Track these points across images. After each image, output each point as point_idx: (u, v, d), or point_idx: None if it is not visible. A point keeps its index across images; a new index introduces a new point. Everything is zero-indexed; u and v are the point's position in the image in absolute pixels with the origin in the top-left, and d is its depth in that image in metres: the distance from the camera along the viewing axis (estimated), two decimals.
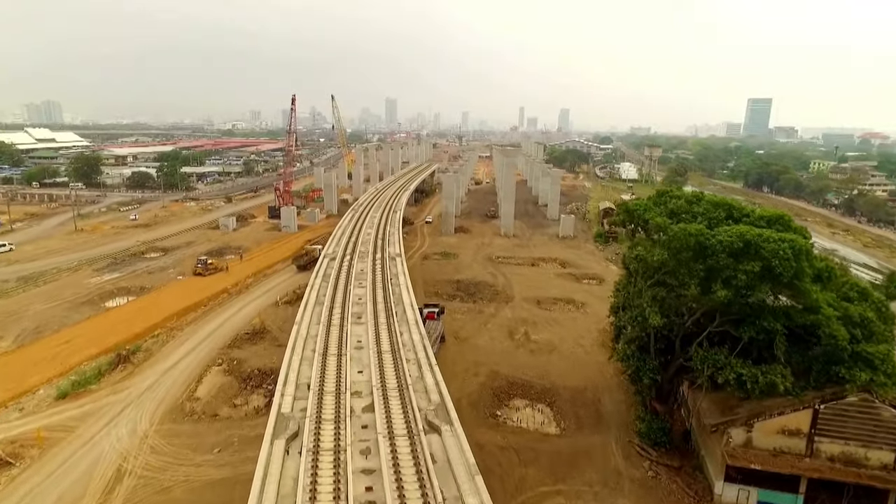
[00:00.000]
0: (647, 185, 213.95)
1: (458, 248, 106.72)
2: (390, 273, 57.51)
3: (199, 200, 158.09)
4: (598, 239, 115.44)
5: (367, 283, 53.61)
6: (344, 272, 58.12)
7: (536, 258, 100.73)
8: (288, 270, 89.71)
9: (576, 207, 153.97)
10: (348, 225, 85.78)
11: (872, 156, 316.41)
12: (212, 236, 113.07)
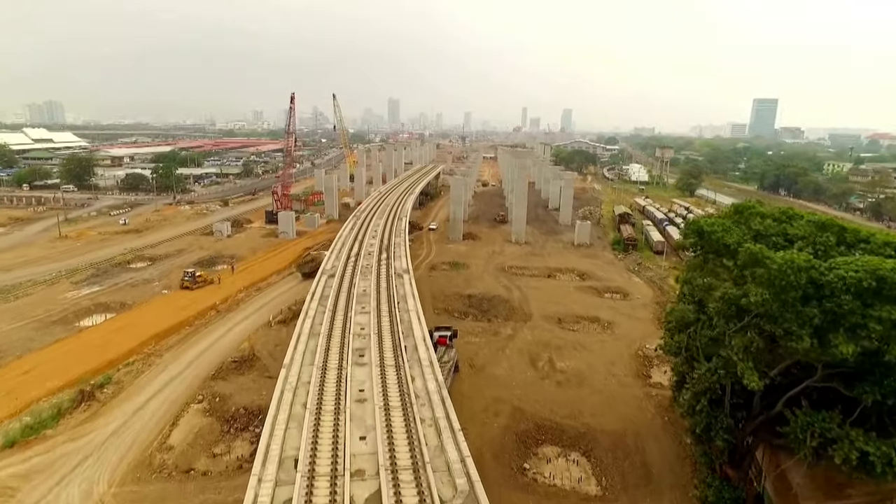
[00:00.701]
0: (659, 188, 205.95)
1: (467, 256, 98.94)
2: (397, 294, 49.71)
3: (194, 204, 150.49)
4: (617, 247, 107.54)
5: (370, 308, 45.83)
6: (344, 293, 50.34)
7: (552, 269, 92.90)
8: (284, 282, 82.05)
9: (588, 212, 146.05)
10: (349, 234, 78.00)
11: (885, 157, 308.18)
12: (204, 243, 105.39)
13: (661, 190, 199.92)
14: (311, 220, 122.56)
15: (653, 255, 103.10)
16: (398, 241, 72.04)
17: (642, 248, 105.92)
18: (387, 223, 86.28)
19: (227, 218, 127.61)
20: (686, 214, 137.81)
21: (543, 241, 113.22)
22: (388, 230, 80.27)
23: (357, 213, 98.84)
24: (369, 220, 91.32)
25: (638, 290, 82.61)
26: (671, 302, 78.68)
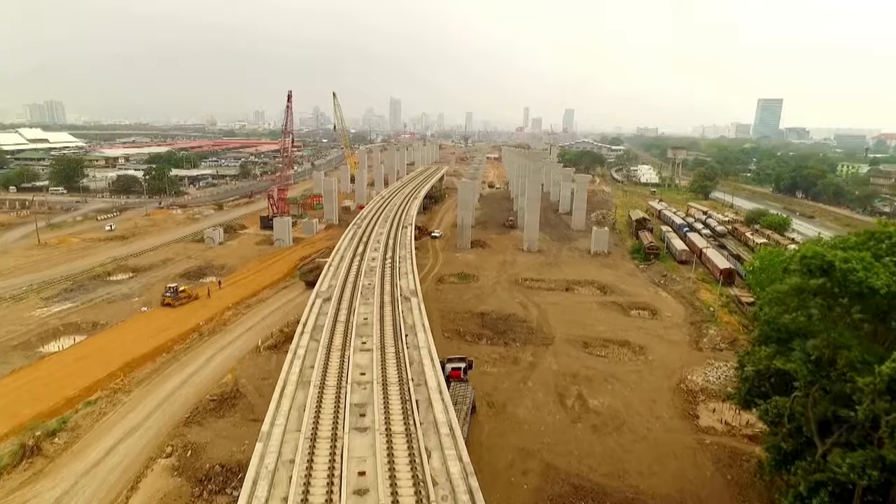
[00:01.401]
0: (671, 190, 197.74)
1: (476, 267, 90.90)
2: (404, 325, 41.66)
3: (186, 208, 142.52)
4: (636, 256, 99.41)
5: (372, 343, 37.84)
6: (341, 323, 42.31)
7: (570, 281, 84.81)
8: (277, 298, 74.07)
9: (602, 216, 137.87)
10: (349, 245, 69.96)
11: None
12: (193, 252, 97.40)
13: (673, 192, 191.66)
14: (309, 226, 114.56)
15: (676, 264, 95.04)
16: (404, 255, 63.98)
17: (664, 258, 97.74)
18: (390, 232, 78.22)
19: (219, 224, 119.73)
20: (706, 219, 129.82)
21: (557, 250, 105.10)
22: (391, 240, 72.20)
23: (358, 219, 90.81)
24: (371, 227, 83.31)
25: (667, 306, 74.53)
26: (704, 321, 71.08)
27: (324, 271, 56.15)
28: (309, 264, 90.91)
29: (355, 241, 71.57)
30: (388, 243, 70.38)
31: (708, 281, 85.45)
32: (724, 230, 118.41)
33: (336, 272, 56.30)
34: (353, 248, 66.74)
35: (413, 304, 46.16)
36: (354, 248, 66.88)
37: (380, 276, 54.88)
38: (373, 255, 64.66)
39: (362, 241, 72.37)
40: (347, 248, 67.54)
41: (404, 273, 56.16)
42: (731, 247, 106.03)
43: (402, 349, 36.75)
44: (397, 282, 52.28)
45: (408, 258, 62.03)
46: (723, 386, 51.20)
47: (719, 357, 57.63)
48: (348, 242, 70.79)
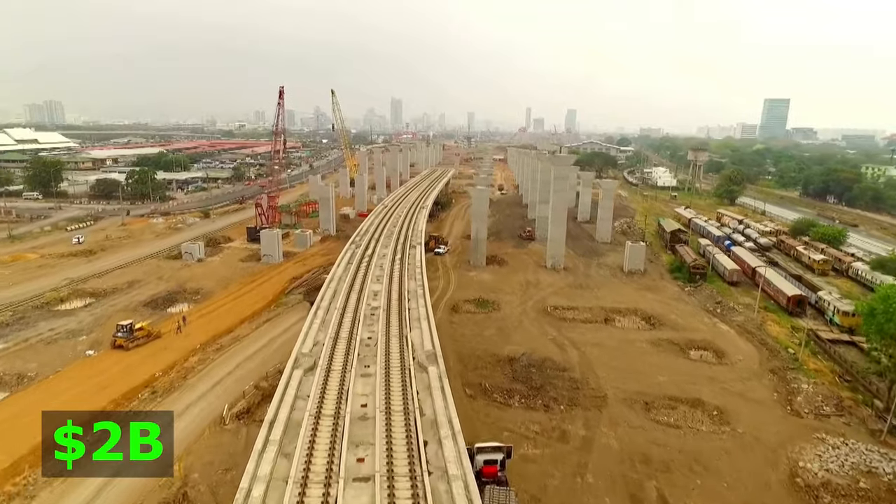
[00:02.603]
0: (692, 195, 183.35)
1: (495, 290, 76.85)
2: (420, 420, 27.46)
3: (169, 215, 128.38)
4: (678, 275, 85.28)
5: (375, 462, 23.68)
6: (328, 418, 28.10)
7: (608, 309, 70.70)
8: (259, 334, 59.99)
9: (627, 226, 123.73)
10: (344, 273, 55.71)
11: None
12: (167, 271, 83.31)
13: (694, 197, 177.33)
14: (302, 239, 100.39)
15: (726, 286, 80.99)
16: (414, 288, 49.78)
17: (711, 278, 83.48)
18: (395, 253, 64.07)
19: (202, 235, 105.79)
20: (744, 229, 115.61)
21: (585, 267, 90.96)
22: (397, 265, 58.02)
23: (358, 235, 76.65)
24: (373, 246, 69.21)
25: (732, 345, 60.43)
26: (787, 368, 56.97)
27: (308, 318, 41.88)
28: (308, 279, 77.42)
29: (353, 267, 57.27)
30: (393, 270, 56.19)
31: (770, 309, 71.32)
32: (769, 243, 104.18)
33: (325, 320, 42.08)
34: (350, 278, 52.43)
35: (432, 376, 31.95)
36: (351, 278, 52.58)
37: (384, 324, 40.73)
38: (374, 287, 50.49)
39: (361, 266, 58.15)
40: (342, 278, 53.27)
41: (416, 320, 42.02)
42: (779, 261, 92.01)
43: (421, 472, 22.61)
44: (407, 335, 38.10)
45: (419, 294, 47.85)
46: (853, 478, 37.26)
47: (828, 427, 43.56)
48: (343, 269, 56.56)
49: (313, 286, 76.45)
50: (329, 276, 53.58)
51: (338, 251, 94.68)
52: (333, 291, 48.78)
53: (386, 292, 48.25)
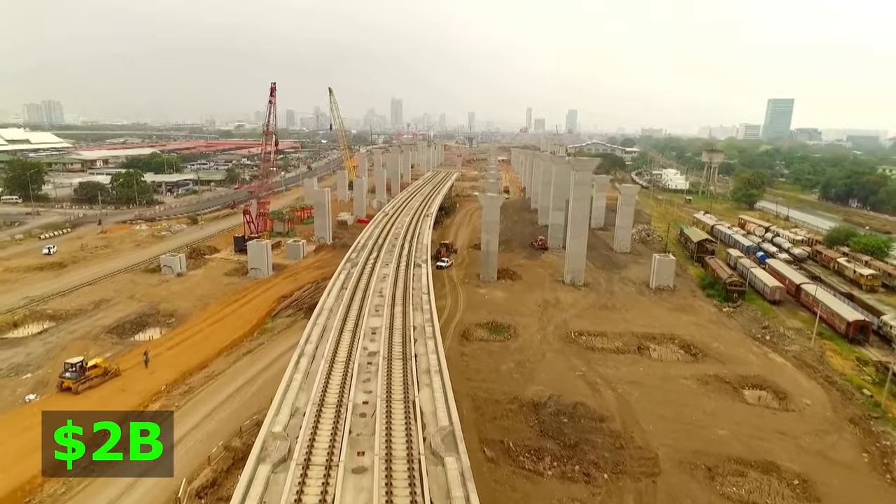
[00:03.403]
0: (708, 199, 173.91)
1: (510, 311, 67.46)
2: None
3: (154, 221, 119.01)
4: (711, 292, 75.83)
5: None
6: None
7: (641, 335, 61.30)
8: (234, 373, 50.54)
9: (646, 234, 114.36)
10: (336, 302, 46.16)
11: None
12: (141, 288, 73.87)
13: (710, 201, 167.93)
14: (295, 249, 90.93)
15: (766, 304, 71.73)
16: (422, 324, 40.27)
17: (749, 296, 74.04)
18: (398, 274, 54.62)
19: (185, 245, 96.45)
20: (772, 238, 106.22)
21: (607, 283, 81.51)
22: (401, 292, 48.52)
23: (354, 250, 67.12)
24: (372, 264, 59.69)
25: (792, 382, 51.07)
26: (869, 417, 47.61)
27: (289, 371, 32.32)
28: (294, 305, 67.96)
29: (347, 293, 47.70)
30: (395, 297, 46.73)
31: (825, 335, 61.82)
32: (804, 254, 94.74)
33: (310, 371, 32.55)
34: (343, 311, 42.87)
35: (451, 476, 22.39)
36: (344, 310, 43.03)
37: (384, 379, 31.26)
38: (373, 322, 41.01)
39: (357, 292, 48.62)
40: (334, 310, 43.72)
41: (425, 371, 32.53)
42: (817, 273, 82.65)
43: None
44: (414, 398, 28.65)
45: (428, 333, 38.32)
46: None
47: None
48: (335, 297, 47.00)
49: (303, 307, 67.18)
50: (318, 307, 43.92)
51: (333, 263, 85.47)
52: (322, 328, 39.29)
53: (387, 330, 38.76)
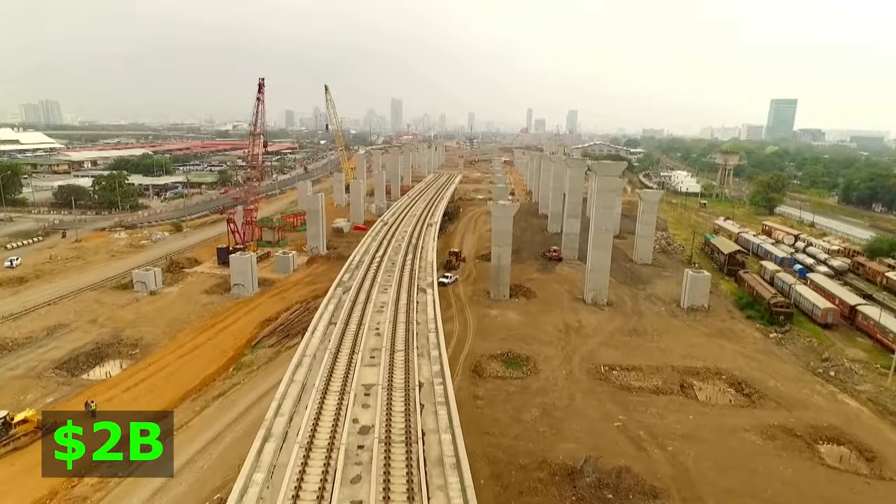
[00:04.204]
0: (723, 202, 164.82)
1: (528, 337, 58.28)
2: None
3: (135, 228, 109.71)
4: (752, 314, 66.62)
5: None
6: None
7: (682, 370, 52.16)
8: (202, 425, 41.33)
9: (666, 242, 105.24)
10: (320, 349, 36.70)
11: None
12: (106, 310, 64.60)
13: (726, 205, 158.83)
14: (284, 262, 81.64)
15: (817, 328, 62.66)
16: (430, 379, 30.98)
17: (798, 321, 64.80)
18: (398, 302, 45.24)
19: (164, 256, 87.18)
20: (804, 247, 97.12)
21: (632, 301, 72.29)
22: (402, 330, 39.10)
23: (348, 270, 57.63)
24: (367, 288, 50.28)
25: (874, 433, 42.09)
26: None
27: (249, 460, 23.02)
28: (279, 331, 58.74)
29: (336, 333, 38.23)
30: (394, 338, 37.41)
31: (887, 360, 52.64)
32: (844, 266, 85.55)
33: (277, 462, 23.24)
34: (329, 359, 33.57)
35: None
36: (331, 359, 33.70)
37: (379, 473, 21.98)
38: (366, 377, 31.69)
39: (349, 330, 39.21)
40: (318, 357, 34.37)
41: (436, 461, 23.30)
42: (863, 288, 73.65)
43: None
44: None
45: (439, 393, 29.05)
46: None
47: None
48: (321, 337, 37.63)
49: (290, 333, 57.96)
50: (299, 352, 34.40)
51: (326, 278, 76.17)
52: (301, 387, 29.99)
53: (384, 391, 29.50)
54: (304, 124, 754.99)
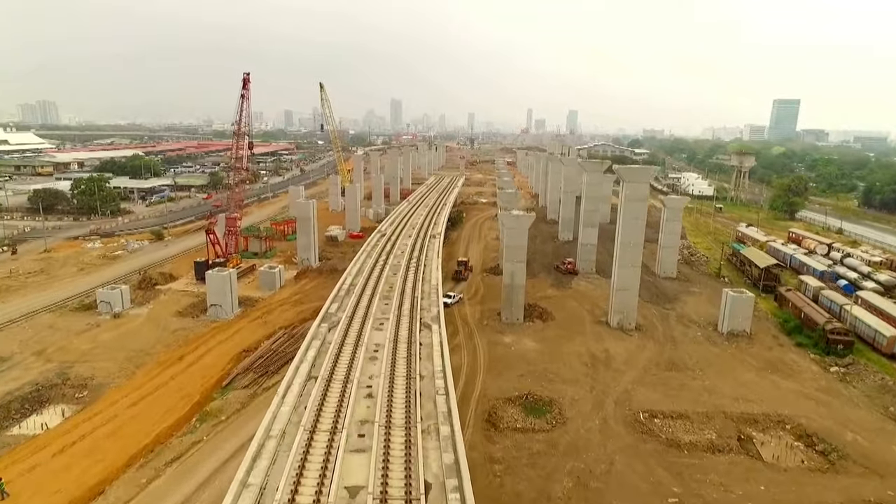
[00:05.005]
0: (739, 206, 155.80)
1: (549, 373, 49.29)
2: None
3: (112, 236, 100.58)
4: (801, 340, 57.61)
5: None
6: None
7: (737, 417, 43.18)
8: (152, 500, 32.20)
9: (689, 253, 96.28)
10: (290, 425, 27.45)
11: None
12: (58, 337, 55.48)
13: (741, 209, 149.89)
14: (269, 278, 72.47)
15: (877, 356, 53.78)
16: (440, 476, 21.94)
17: (860, 350, 55.79)
18: (397, 349, 36.01)
19: (138, 270, 78.03)
20: (841, 258, 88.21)
21: (662, 323, 63.26)
22: (401, 394, 29.91)
23: (336, 299, 48.08)
24: (358, 326, 40.97)
25: None
26: None
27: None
28: (256, 366, 49.76)
29: (314, 396, 29.05)
30: (391, 402, 28.23)
31: None
32: (893, 280, 76.57)
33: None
34: (303, 440, 24.50)
35: None
36: (305, 441, 24.63)
37: None
38: (350, 474, 22.54)
39: (331, 392, 30.03)
40: (286, 435, 25.25)
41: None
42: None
43: None
44: None
45: (454, 487, 19.95)
46: None
47: None
48: (294, 401, 28.42)
49: (269, 369, 48.89)
50: (259, 433, 25.03)
51: (316, 297, 67.10)
52: (260, 489, 20.88)
53: (377, 502, 20.35)
54: (304, 125, 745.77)
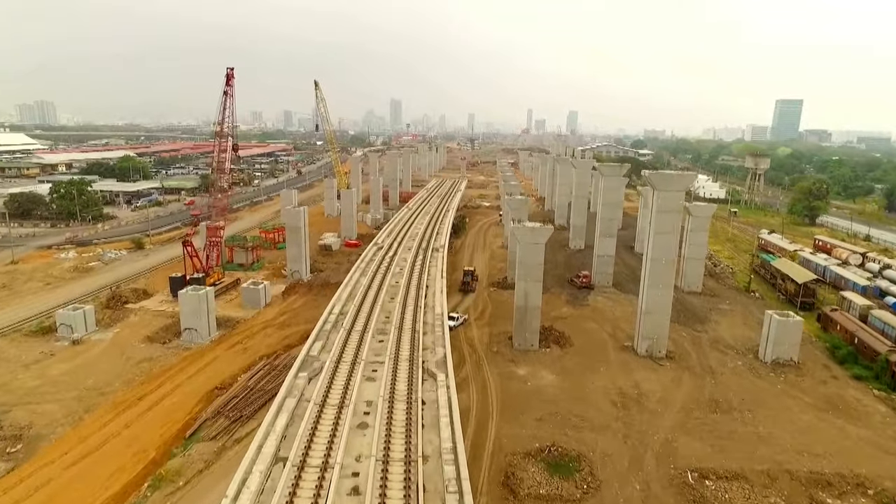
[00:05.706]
0: (755, 210, 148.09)
1: (573, 417, 41.63)
2: None
3: (88, 245, 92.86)
4: (857, 371, 50.01)
5: None
6: None
7: (805, 478, 35.60)
8: None
9: (711, 263, 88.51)
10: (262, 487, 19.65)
11: None
12: (6, 370, 47.79)
13: (757, 213, 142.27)
14: (254, 295, 64.70)
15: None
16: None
17: None
18: (393, 411, 28.21)
19: (109, 285, 70.34)
20: (881, 269, 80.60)
21: (695, 349, 55.55)
22: (398, 486, 22.04)
23: (318, 337, 39.80)
24: (344, 378, 33.06)
25: None
26: None
27: None
28: (229, 409, 42.20)
29: (289, 470, 21.38)
30: (385, 494, 20.46)
31: None
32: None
33: None
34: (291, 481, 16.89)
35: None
36: None
37: None
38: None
39: (308, 464, 22.32)
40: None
41: None
42: None
43: None
44: None
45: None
46: None
47: None
48: (257, 491, 20.68)
49: (243, 413, 41.16)
50: None
51: (304, 318, 59.27)
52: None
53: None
54: (303, 125, 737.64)
